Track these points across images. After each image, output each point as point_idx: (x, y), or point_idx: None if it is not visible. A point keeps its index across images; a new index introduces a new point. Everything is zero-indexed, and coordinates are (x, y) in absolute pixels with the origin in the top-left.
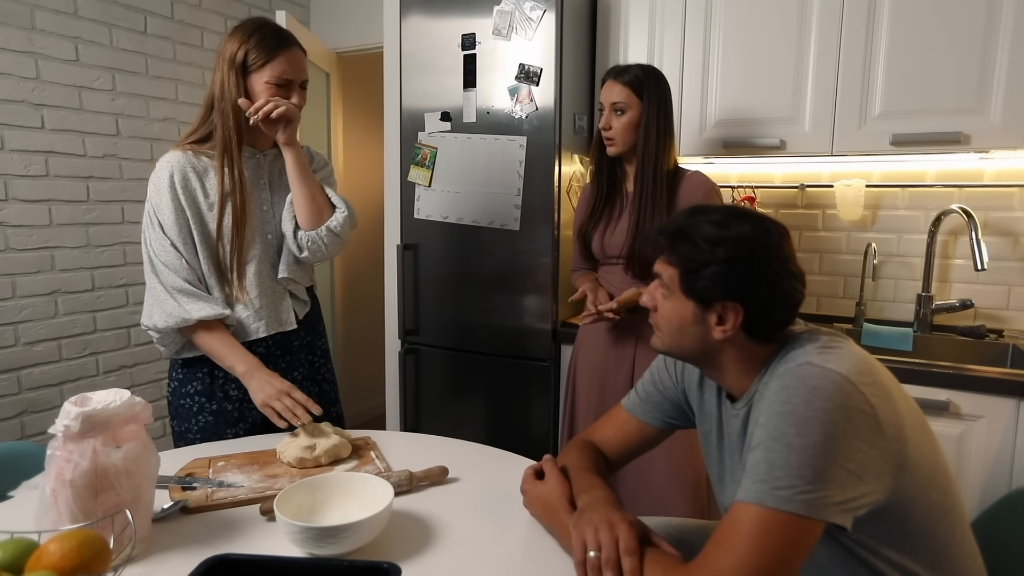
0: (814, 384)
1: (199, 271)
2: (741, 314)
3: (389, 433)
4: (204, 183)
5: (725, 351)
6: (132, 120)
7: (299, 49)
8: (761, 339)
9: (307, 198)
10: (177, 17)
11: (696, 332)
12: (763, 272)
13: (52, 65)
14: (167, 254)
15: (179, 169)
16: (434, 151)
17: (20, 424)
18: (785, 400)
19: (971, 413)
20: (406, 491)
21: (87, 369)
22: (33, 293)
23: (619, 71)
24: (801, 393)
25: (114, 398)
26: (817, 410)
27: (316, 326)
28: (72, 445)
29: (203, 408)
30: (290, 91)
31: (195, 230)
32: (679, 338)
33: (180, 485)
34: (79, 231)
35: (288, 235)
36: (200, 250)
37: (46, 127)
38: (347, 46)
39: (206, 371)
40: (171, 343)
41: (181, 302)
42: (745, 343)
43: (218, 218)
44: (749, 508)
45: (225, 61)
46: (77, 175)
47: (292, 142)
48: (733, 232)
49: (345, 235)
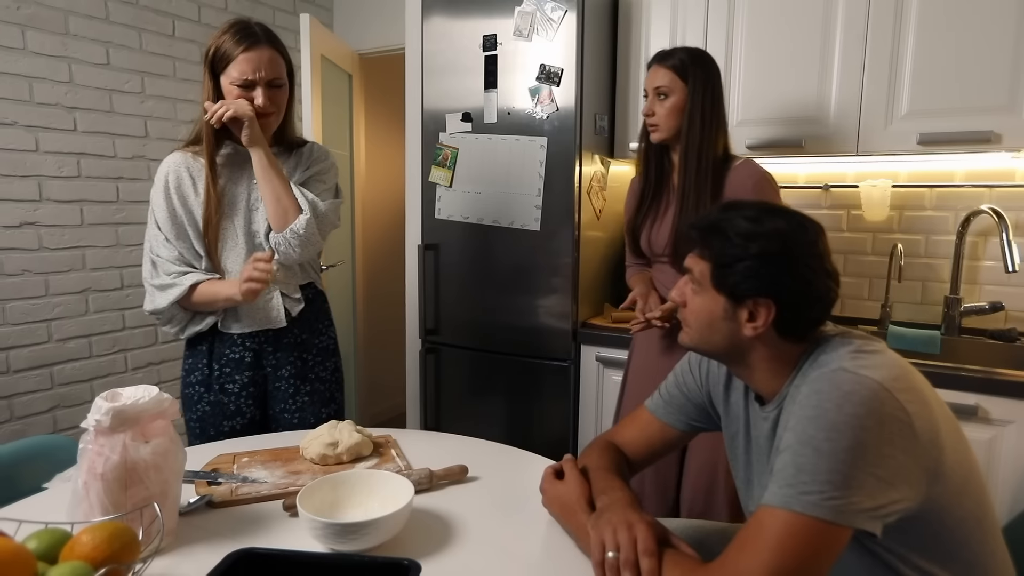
0: (847, 390)
1: (195, 261)
2: (773, 311)
3: (409, 432)
4: (196, 182)
5: (755, 349)
6: (160, 122)
7: (267, 48)
8: (793, 338)
9: (271, 200)
10: (204, 20)
11: (726, 328)
12: (797, 268)
13: (84, 69)
14: (162, 247)
15: (174, 170)
16: (455, 152)
17: (53, 418)
18: (816, 404)
19: (1001, 418)
20: (426, 489)
21: (116, 365)
22: (65, 291)
23: (663, 55)
24: (833, 398)
25: (143, 394)
26: (849, 415)
27: (316, 324)
28: (103, 439)
29: (202, 398)
30: (253, 91)
31: (189, 227)
32: (708, 334)
33: (206, 480)
34: (109, 231)
35: (261, 235)
36: (196, 244)
37: (78, 129)
38: (370, 48)
39: (205, 362)
40: (175, 319)
41: (175, 280)
42: (776, 341)
43: (203, 215)
44: (775, 512)
45: (204, 61)
46: (107, 176)
47: (255, 142)
48: (767, 227)
49: (312, 237)
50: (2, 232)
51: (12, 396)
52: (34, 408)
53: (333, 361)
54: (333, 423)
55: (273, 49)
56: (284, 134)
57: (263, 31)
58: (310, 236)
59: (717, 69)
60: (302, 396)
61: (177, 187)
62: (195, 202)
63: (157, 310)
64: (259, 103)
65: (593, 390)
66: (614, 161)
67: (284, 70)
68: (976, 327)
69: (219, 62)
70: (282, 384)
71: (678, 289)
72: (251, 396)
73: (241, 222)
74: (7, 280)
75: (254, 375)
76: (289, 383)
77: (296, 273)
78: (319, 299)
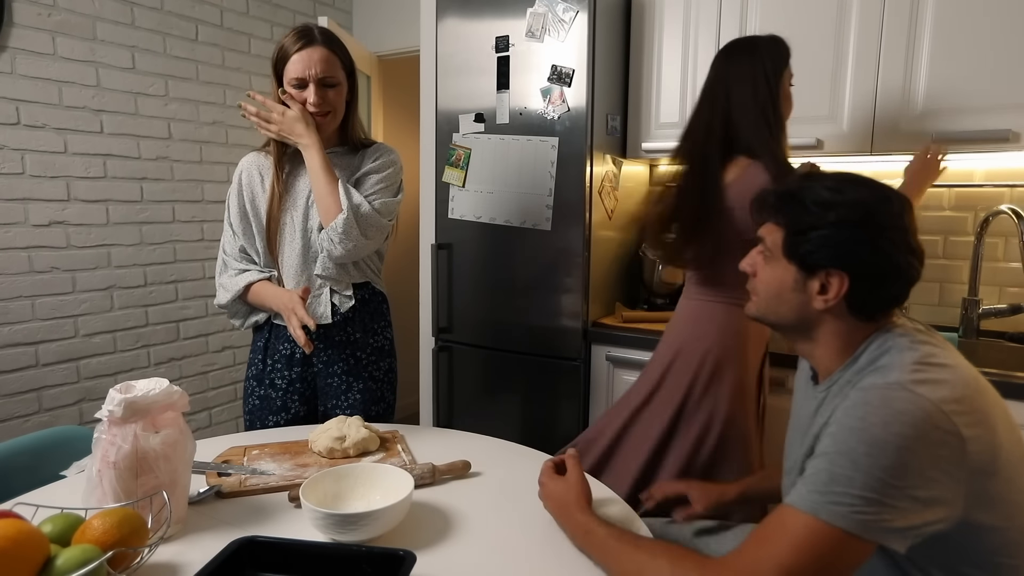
0: (899, 408)
1: (256, 257)
2: (846, 283)
3: (416, 428)
4: (265, 179)
5: (823, 323)
6: (183, 124)
7: (321, 47)
8: (863, 316)
9: (317, 198)
10: (226, 25)
11: (795, 300)
12: (876, 240)
13: (111, 73)
14: (229, 242)
15: (247, 168)
16: (468, 152)
17: (79, 411)
18: (862, 416)
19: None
20: (429, 483)
21: (139, 360)
22: (91, 288)
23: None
24: (882, 415)
25: (154, 386)
26: (895, 435)
27: (372, 324)
28: (116, 429)
29: (254, 392)
30: (306, 90)
31: (254, 223)
32: (776, 305)
33: (216, 471)
34: (133, 229)
35: (314, 232)
36: (258, 240)
37: (104, 131)
38: (387, 50)
39: (261, 357)
40: (237, 313)
41: (235, 278)
42: (845, 317)
43: (267, 209)
44: (799, 515)
45: (272, 64)
46: (132, 176)
47: (307, 144)
48: (848, 196)
49: (351, 234)
50: (32, 230)
51: (41, 388)
52: (61, 400)
53: (388, 362)
54: (342, 418)
55: (328, 49)
56: (349, 134)
57: (321, 32)
58: (349, 233)
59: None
60: (354, 393)
61: (248, 184)
62: (262, 199)
63: (221, 305)
64: (310, 100)
65: (603, 389)
66: (626, 161)
67: (340, 70)
68: (995, 330)
69: (280, 62)
70: (334, 380)
71: (749, 258)
72: (297, 392)
73: (299, 217)
74: (37, 277)
75: (303, 371)
76: (342, 379)
77: (349, 271)
78: (376, 299)
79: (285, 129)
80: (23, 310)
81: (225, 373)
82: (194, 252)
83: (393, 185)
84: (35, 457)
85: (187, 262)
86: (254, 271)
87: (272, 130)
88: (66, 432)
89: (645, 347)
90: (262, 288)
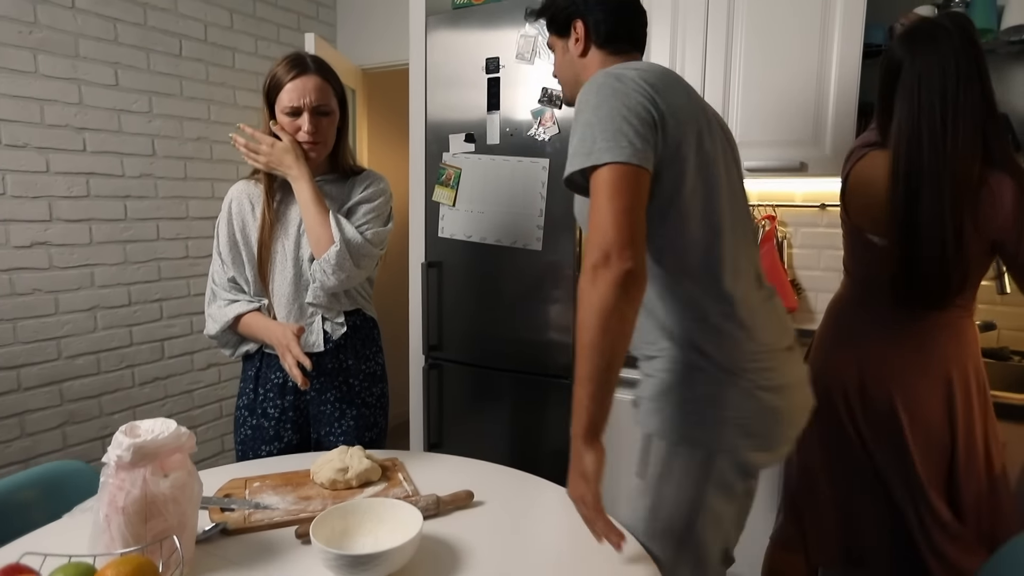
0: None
1: (245, 286)
2: (583, 26)
3: (415, 454)
4: (255, 208)
5: (588, 69)
6: (167, 140)
7: (315, 76)
8: (612, 48)
9: (308, 229)
10: (211, 40)
11: (571, 65)
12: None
13: (94, 90)
14: (218, 272)
15: (236, 198)
16: (458, 171)
17: (62, 434)
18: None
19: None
20: (433, 515)
21: (123, 381)
22: (74, 309)
23: None
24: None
25: (162, 429)
26: (588, 94)
27: (363, 350)
28: (124, 474)
29: (245, 422)
30: (299, 118)
31: (244, 252)
32: (570, 79)
33: (219, 506)
34: (117, 248)
35: (306, 261)
36: (247, 269)
37: (87, 150)
38: (373, 63)
39: (252, 387)
40: (227, 343)
41: (224, 309)
42: (603, 57)
43: (258, 236)
44: (595, 173)
45: (263, 92)
46: (116, 195)
47: (296, 176)
48: None
49: (344, 266)
50: (14, 252)
51: (23, 413)
52: (44, 425)
53: (380, 387)
54: (344, 448)
55: (321, 78)
56: (338, 161)
57: (314, 61)
58: (342, 265)
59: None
60: (348, 420)
61: (239, 212)
62: (253, 227)
63: (211, 336)
64: (304, 128)
65: None
66: None
67: (333, 98)
68: None
69: (272, 91)
70: (327, 408)
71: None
72: (290, 421)
73: (291, 245)
74: (18, 300)
75: (296, 400)
76: (335, 407)
77: (340, 299)
78: (367, 325)
79: (274, 161)
80: (4, 333)
81: (211, 391)
82: (179, 270)
83: (383, 214)
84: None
85: (172, 280)
86: (243, 301)
87: (261, 161)
88: (60, 468)
89: (631, 364)
90: (253, 320)
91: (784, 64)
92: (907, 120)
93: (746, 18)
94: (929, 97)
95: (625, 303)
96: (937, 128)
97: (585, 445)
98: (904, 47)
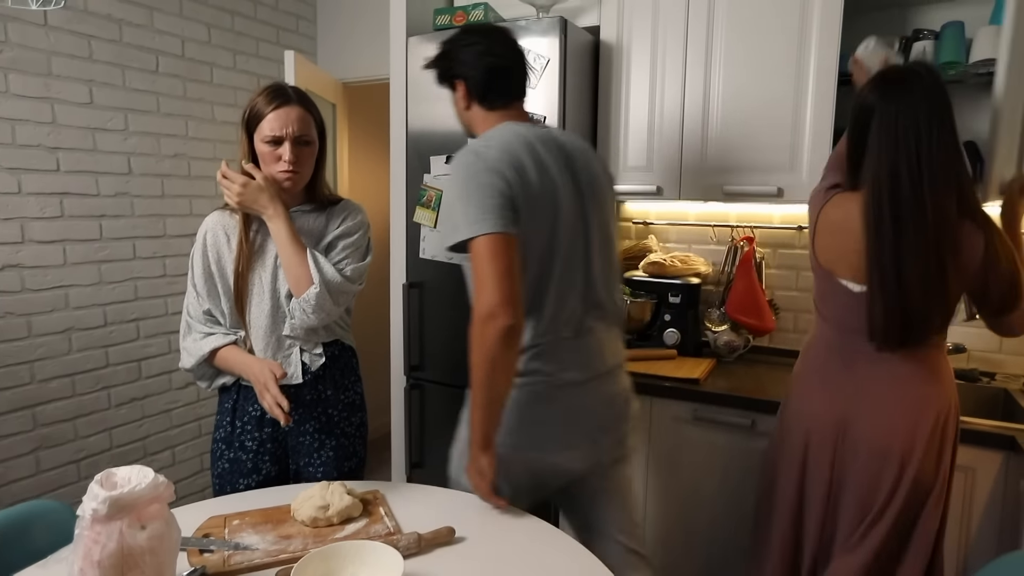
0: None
1: (221, 319)
2: (464, 85)
3: (395, 485)
4: (231, 239)
5: (474, 124)
6: (144, 158)
7: (297, 107)
8: (487, 105)
9: (286, 268)
10: (188, 55)
11: (461, 114)
12: (460, 55)
13: (67, 109)
14: (192, 304)
15: (211, 228)
16: (439, 193)
17: (35, 459)
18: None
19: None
20: (415, 554)
21: (99, 403)
22: (48, 332)
23: None
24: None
25: (139, 479)
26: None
27: (342, 379)
28: (100, 527)
29: (223, 455)
30: (281, 147)
31: (220, 284)
32: (465, 125)
33: (198, 547)
34: (92, 269)
35: (283, 294)
36: (223, 301)
37: (61, 169)
38: (353, 77)
39: (229, 419)
40: (204, 376)
41: (199, 342)
42: (483, 111)
43: (234, 267)
44: (473, 244)
45: (241, 122)
46: (91, 214)
47: (272, 215)
48: (450, 39)
49: (324, 306)
50: None
51: None
52: (16, 451)
53: (359, 416)
54: (325, 484)
55: (303, 108)
56: (316, 192)
57: (295, 92)
58: (322, 305)
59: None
60: (327, 451)
61: (214, 243)
62: (228, 258)
63: (187, 369)
64: (285, 158)
65: None
66: None
67: (313, 129)
68: None
69: (252, 121)
70: (306, 439)
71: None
72: (268, 453)
73: (268, 277)
74: None
75: (274, 432)
76: (314, 438)
77: (319, 331)
78: (346, 355)
79: (248, 200)
80: None
81: (189, 410)
82: (156, 288)
83: (362, 248)
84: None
85: (149, 299)
86: (219, 334)
87: (234, 201)
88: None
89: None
90: (230, 355)
91: (761, 92)
92: (886, 161)
93: (724, 50)
94: (906, 138)
95: (507, 351)
96: (914, 167)
97: (481, 451)
98: (878, 90)
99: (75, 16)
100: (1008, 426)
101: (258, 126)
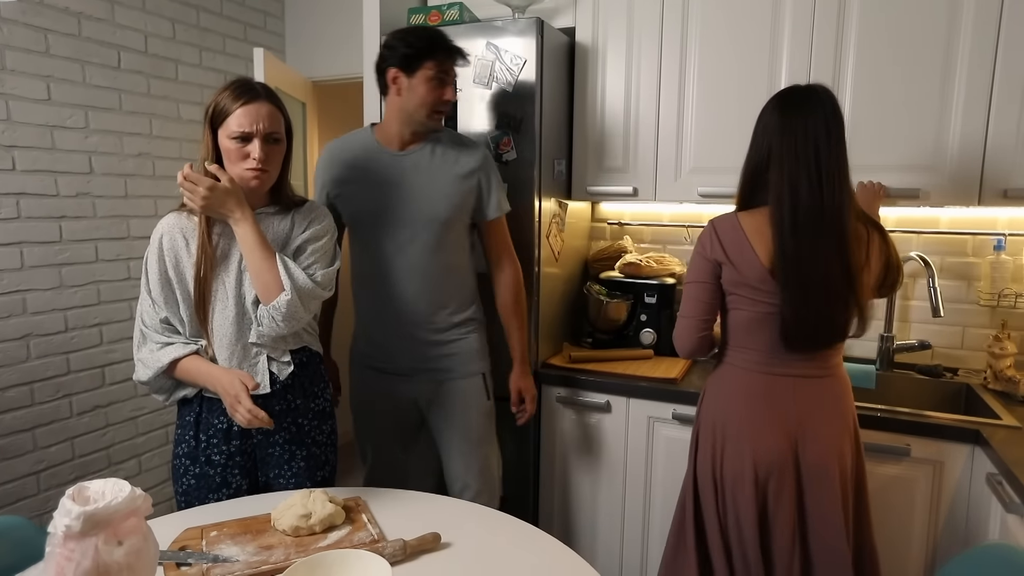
0: None
1: (180, 327)
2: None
3: (377, 491)
4: (189, 243)
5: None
6: (106, 157)
7: (266, 103)
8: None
9: (254, 275)
10: (151, 51)
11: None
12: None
13: (23, 105)
14: (147, 313)
15: (168, 232)
16: None
17: None
18: None
19: (929, 458)
20: (401, 561)
21: (60, 412)
22: (4, 338)
23: None
24: None
25: (115, 493)
26: None
27: (311, 387)
28: (73, 544)
29: (187, 471)
30: (249, 144)
31: (178, 290)
32: None
33: (175, 561)
34: (51, 272)
35: (249, 300)
36: (182, 308)
37: (17, 168)
38: (322, 75)
39: (192, 433)
40: (162, 388)
41: (156, 353)
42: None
43: (195, 271)
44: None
45: (204, 119)
46: (49, 215)
47: (239, 219)
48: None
49: (296, 314)
50: None
51: None
52: None
53: (330, 423)
54: (306, 492)
55: (272, 105)
56: (282, 192)
57: (263, 88)
58: (293, 313)
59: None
60: (298, 461)
61: (171, 248)
62: (187, 263)
63: (142, 382)
64: (254, 155)
65: (553, 430)
66: (571, 200)
67: (282, 126)
68: (907, 362)
69: (217, 117)
70: (275, 451)
71: None
72: (238, 466)
73: (232, 283)
74: None
75: (242, 444)
76: (284, 449)
77: (287, 338)
78: (313, 362)
79: (215, 204)
80: None
81: (156, 417)
82: (120, 292)
83: (330, 252)
84: None
85: (112, 303)
86: (179, 344)
87: (199, 205)
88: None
89: (594, 388)
90: (193, 365)
91: (735, 94)
92: (792, 174)
93: (698, 52)
94: (805, 151)
95: None
96: (813, 175)
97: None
98: (781, 107)
99: (30, 8)
100: (973, 420)
101: (224, 122)
